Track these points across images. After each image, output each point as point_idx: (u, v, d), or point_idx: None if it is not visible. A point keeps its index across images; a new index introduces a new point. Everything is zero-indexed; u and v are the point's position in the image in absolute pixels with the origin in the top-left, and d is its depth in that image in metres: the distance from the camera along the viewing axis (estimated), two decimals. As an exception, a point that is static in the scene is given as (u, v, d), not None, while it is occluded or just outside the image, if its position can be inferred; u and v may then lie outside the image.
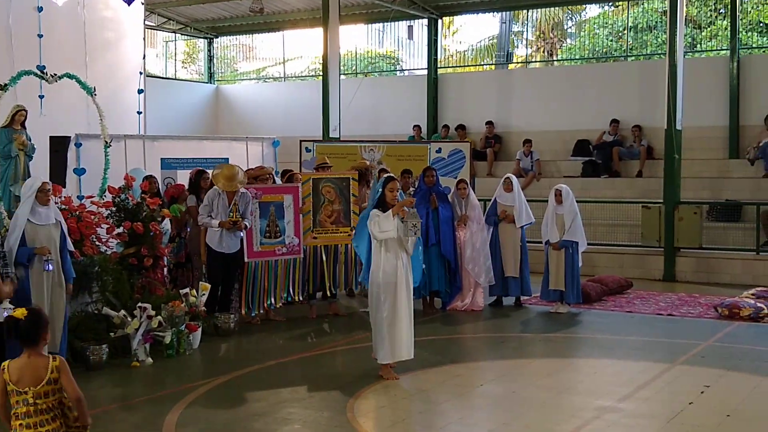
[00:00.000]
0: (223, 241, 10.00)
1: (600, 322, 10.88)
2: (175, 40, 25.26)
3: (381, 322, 7.78)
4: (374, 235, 7.77)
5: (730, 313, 10.95)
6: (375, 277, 7.81)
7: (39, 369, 4.41)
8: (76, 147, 11.44)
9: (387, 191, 7.85)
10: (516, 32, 23.88)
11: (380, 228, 7.71)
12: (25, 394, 4.38)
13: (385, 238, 7.73)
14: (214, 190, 10.03)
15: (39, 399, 4.39)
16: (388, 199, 7.83)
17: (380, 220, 7.72)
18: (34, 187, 7.69)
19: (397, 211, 7.74)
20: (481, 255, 11.39)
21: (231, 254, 10.10)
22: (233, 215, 9.89)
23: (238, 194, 10.02)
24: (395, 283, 7.77)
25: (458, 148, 13.89)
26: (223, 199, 9.95)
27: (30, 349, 4.48)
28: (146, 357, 8.52)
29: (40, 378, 4.39)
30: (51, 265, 7.60)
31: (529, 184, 17.81)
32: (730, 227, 15.22)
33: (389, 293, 7.75)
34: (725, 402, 7.19)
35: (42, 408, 4.41)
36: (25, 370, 4.41)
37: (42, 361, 4.45)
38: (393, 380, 7.81)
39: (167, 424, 6.55)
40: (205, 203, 10.03)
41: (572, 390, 7.66)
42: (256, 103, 23.62)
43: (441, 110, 20.90)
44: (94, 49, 13.50)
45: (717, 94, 17.67)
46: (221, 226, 9.88)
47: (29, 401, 4.38)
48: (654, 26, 21.58)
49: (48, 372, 4.41)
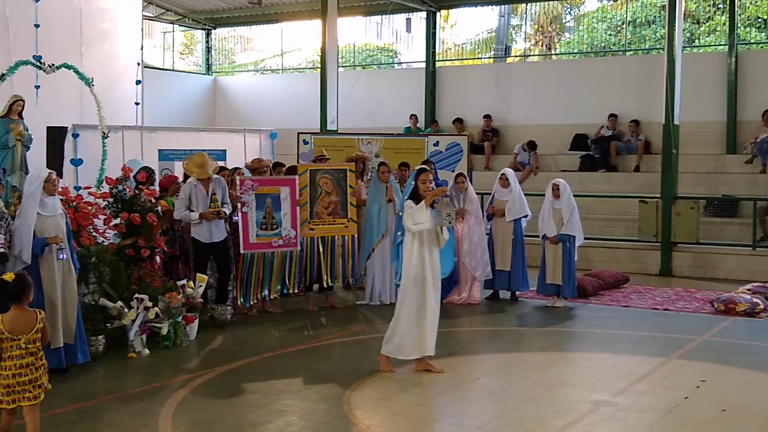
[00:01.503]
0: (210, 231, 9.93)
1: (596, 317, 10.89)
2: (173, 31, 25.20)
3: (411, 315, 7.73)
4: (408, 228, 7.68)
5: (726, 308, 10.97)
6: (408, 271, 7.74)
7: (30, 320, 5.42)
8: (74, 137, 11.43)
9: (420, 183, 7.78)
10: (514, 26, 23.89)
11: (414, 220, 7.64)
12: (18, 340, 5.33)
13: (420, 230, 7.69)
14: (188, 183, 9.95)
15: (30, 344, 5.38)
16: (422, 191, 7.75)
17: (413, 212, 7.66)
18: (41, 177, 7.57)
19: (429, 202, 7.66)
20: (479, 249, 11.40)
21: (219, 243, 10.05)
22: (214, 205, 9.87)
23: (213, 182, 9.95)
24: (424, 278, 7.71)
25: (456, 141, 13.88)
26: (200, 189, 9.87)
27: (17, 306, 5.44)
28: (143, 348, 8.52)
29: (32, 326, 5.40)
30: (64, 254, 7.56)
31: (526, 177, 17.82)
32: (727, 222, 15.25)
33: (419, 287, 7.70)
34: (721, 396, 7.20)
35: (32, 351, 5.39)
36: (17, 321, 5.37)
37: (31, 313, 5.47)
38: (389, 372, 7.81)
39: (163, 416, 6.55)
40: (181, 197, 9.92)
41: (568, 384, 7.67)
42: (254, 95, 23.58)
43: (439, 103, 20.89)
44: (91, 40, 13.48)
45: (715, 90, 17.67)
46: (204, 217, 9.81)
47: (22, 346, 5.34)
48: (653, 21, 21.59)
49: (37, 322, 5.44)
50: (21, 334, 5.35)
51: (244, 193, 10.24)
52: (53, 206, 7.69)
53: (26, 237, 7.42)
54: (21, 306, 5.46)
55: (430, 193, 7.71)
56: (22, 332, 5.35)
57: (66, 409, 6.69)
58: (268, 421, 6.47)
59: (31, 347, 5.37)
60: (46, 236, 7.51)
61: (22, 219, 7.50)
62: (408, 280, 7.73)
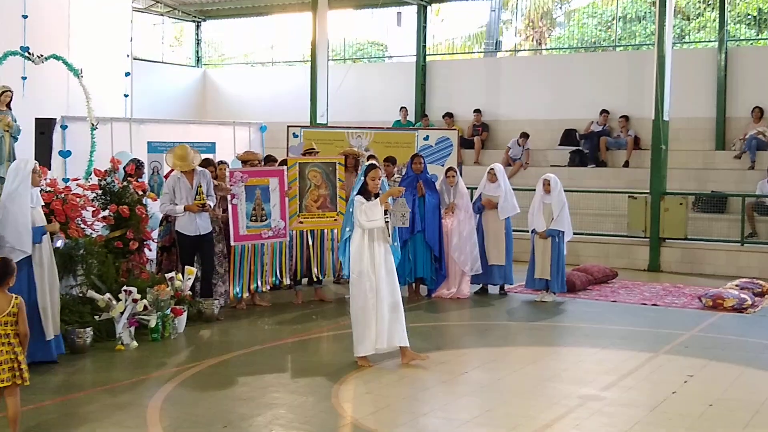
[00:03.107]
0: (195, 223, 9.88)
1: (584, 311, 10.92)
2: (162, 23, 25.08)
3: (366, 309, 7.77)
4: (361, 224, 7.74)
5: (714, 303, 11.02)
6: (357, 266, 7.78)
7: (3, 303, 5.52)
8: (62, 129, 11.37)
9: (369, 180, 7.83)
10: (505, 21, 23.84)
11: (368, 217, 7.69)
12: None
13: (373, 227, 7.72)
14: (173, 177, 9.91)
15: (0, 326, 5.48)
16: (370, 188, 7.82)
17: (367, 208, 7.71)
18: (28, 168, 7.47)
19: (385, 200, 7.74)
20: (468, 243, 11.39)
21: (204, 235, 10.01)
22: (200, 197, 9.83)
23: (197, 174, 9.92)
24: (375, 272, 7.76)
25: (446, 135, 13.87)
26: (184, 182, 9.83)
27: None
28: (131, 341, 8.49)
29: (3, 309, 5.50)
30: (61, 242, 7.48)
31: (516, 172, 17.84)
32: (716, 219, 15.29)
33: (372, 281, 7.75)
34: (708, 391, 7.23)
35: (1, 333, 5.49)
36: None
37: (6, 297, 5.56)
38: (369, 367, 7.81)
39: (151, 408, 6.53)
40: (165, 191, 9.89)
41: (556, 378, 7.68)
42: (244, 88, 23.51)
43: (429, 97, 20.86)
44: (79, 31, 13.39)
45: (704, 86, 17.69)
46: (189, 210, 9.76)
47: None
48: (643, 17, 21.60)
49: (10, 306, 5.53)
50: None
51: (233, 185, 10.21)
52: (37, 197, 7.62)
53: (24, 227, 7.31)
54: (1, 290, 5.59)
55: (387, 192, 7.82)
56: None
57: (54, 401, 6.67)
58: (257, 414, 6.47)
59: (1, 329, 5.50)
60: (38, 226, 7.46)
61: (17, 208, 7.33)
62: (360, 276, 7.77)
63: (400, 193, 7.89)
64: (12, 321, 5.54)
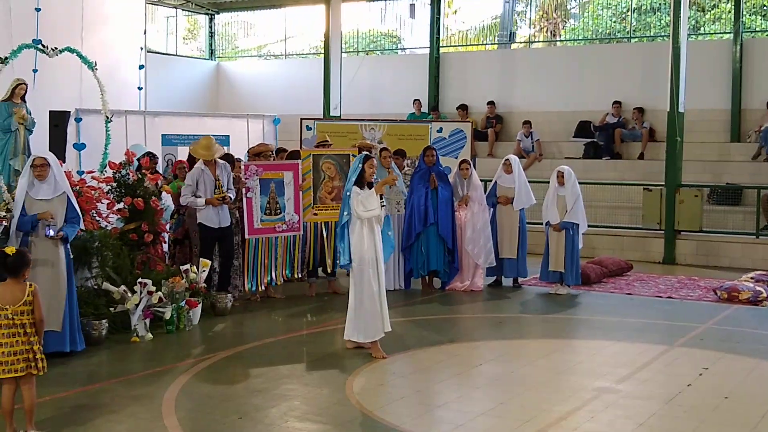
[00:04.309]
0: (218, 216, 9.94)
1: (599, 304, 10.89)
2: (176, 15, 25.11)
3: (373, 296, 7.86)
4: (358, 214, 7.82)
5: (729, 296, 10.97)
6: (361, 254, 7.84)
7: (19, 292, 5.57)
8: (76, 122, 11.40)
9: (366, 167, 7.89)
10: (519, 12, 23.74)
11: (365, 207, 7.79)
12: (6, 310, 5.50)
13: (370, 216, 7.79)
14: (196, 169, 9.95)
15: (16, 316, 5.52)
16: (367, 176, 7.89)
17: (364, 198, 7.81)
18: (27, 163, 7.72)
19: (380, 189, 7.85)
20: (482, 236, 11.36)
21: (225, 228, 10.08)
22: (219, 190, 9.87)
23: (219, 168, 9.97)
24: (376, 259, 7.89)
25: (459, 128, 13.82)
26: (207, 175, 9.88)
27: (13, 279, 5.61)
28: (146, 332, 8.53)
29: (18, 299, 5.54)
30: (51, 230, 7.49)
31: (531, 164, 17.78)
32: (731, 211, 15.23)
33: (374, 268, 7.87)
34: (723, 384, 7.21)
35: (17, 323, 5.52)
36: (7, 292, 5.55)
37: (22, 286, 5.60)
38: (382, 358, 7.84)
39: (166, 400, 6.56)
40: (187, 183, 9.93)
41: (571, 371, 7.67)
42: (257, 81, 23.52)
43: (442, 90, 20.80)
44: (92, 24, 13.39)
45: (720, 78, 17.60)
46: (210, 203, 9.82)
47: (9, 316, 5.51)
48: (658, 8, 21.48)
49: (25, 295, 5.57)
50: (8, 305, 5.52)
51: (248, 179, 10.23)
52: (45, 191, 7.62)
53: (16, 211, 7.62)
54: (17, 280, 5.62)
55: (381, 181, 7.93)
56: (9, 303, 5.53)
57: (69, 393, 6.70)
58: (271, 406, 6.48)
59: (17, 319, 5.53)
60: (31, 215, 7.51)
61: (17, 201, 7.67)
62: (364, 264, 7.85)
63: (394, 181, 7.97)
64: (28, 310, 5.57)
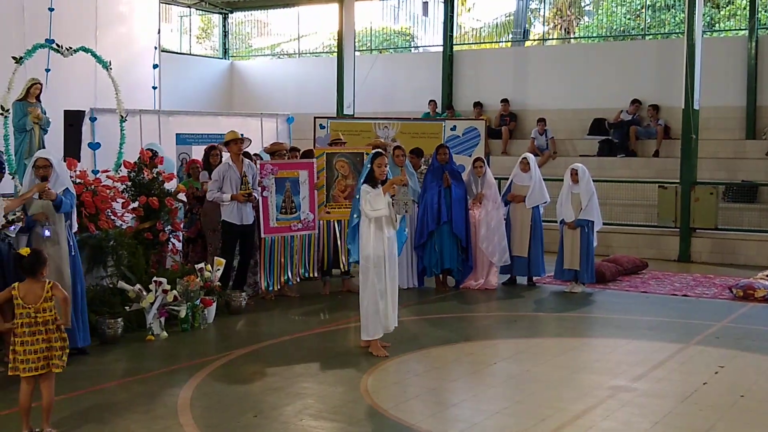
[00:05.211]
0: (241, 213, 10.01)
1: (614, 302, 10.85)
2: (189, 15, 25.18)
3: (374, 295, 7.88)
4: (366, 214, 7.83)
5: (744, 294, 10.91)
6: (366, 252, 7.87)
7: (39, 290, 5.72)
8: (91, 121, 11.45)
9: (375, 167, 7.88)
10: (533, 9, 23.68)
11: (372, 206, 7.79)
12: (28, 308, 5.65)
13: (378, 216, 7.79)
14: (224, 164, 10.02)
15: (38, 313, 5.65)
16: (377, 175, 7.88)
17: (371, 198, 7.80)
18: (30, 163, 7.67)
19: (388, 189, 7.84)
20: (496, 234, 11.34)
21: (248, 226, 10.15)
22: (245, 187, 9.91)
23: (245, 166, 10.03)
24: (384, 259, 7.89)
25: (473, 126, 13.79)
26: (234, 171, 9.94)
27: (31, 278, 5.75)
28: (161, 331, 8.56)
29: (39, 297, 5.69)
30: (47, 231, 7.50)
31: (545, 162, 17.73)
32: (746, 208, 15.16)
33: (380, 267, 7.87)
34: (739, 382, 7.17)
35: (39, 321, 5.65)
36: (29, 291, 5.71)
37: (41, 284, 5.75)
38: (384, 356, 7.85)
39: (182, 398, 6.58)
40: (215, 178, 9.99)
41: (586, 369, 7.65)
42: (271, 80, 23.56)
43: (456, 88, 20.78)
44: (107, 23, 13.45)
45: (735, 74, 17.52)
46: (236, 199, 9.87)
47: (31, 314, 5.64)
48: (672, 5, 21.36)
49: (44, 292, 5.71)
50: (31, 304, 5.65)
51: (264, 177, 10.26)
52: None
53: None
54: (35, 278, 5.75)
55: (389, 181, 7.89)
56: (31, 302, 5.66)
57: (85, 391, 6.73)
58: (287, 404, 6.49)
59: (39, 317, 5.64)
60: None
61: None
62: (369, 262, 7.87)
63: (402, 181, 7.94)
64: (50, 307, 5.67)
